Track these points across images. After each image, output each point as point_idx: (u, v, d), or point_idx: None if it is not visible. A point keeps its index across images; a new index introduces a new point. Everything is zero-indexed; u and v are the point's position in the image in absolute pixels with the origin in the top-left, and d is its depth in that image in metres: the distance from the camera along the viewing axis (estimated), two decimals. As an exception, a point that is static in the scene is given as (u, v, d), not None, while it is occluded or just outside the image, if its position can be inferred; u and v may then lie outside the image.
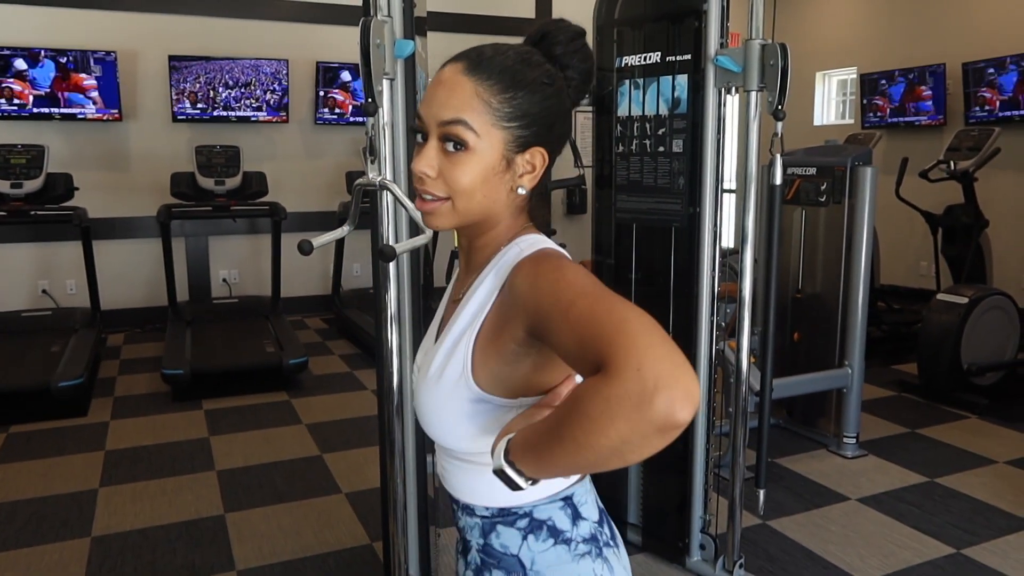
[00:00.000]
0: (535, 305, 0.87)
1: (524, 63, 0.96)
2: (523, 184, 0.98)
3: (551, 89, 0.97)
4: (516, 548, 0.99)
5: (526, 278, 0.90)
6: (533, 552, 0.98)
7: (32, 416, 4.22)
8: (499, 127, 0.95)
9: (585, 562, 0.99)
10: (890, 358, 5.36)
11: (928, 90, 6.80)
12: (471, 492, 1.03)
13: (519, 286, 0.91)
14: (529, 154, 0.97)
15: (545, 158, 0.98)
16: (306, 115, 6.68)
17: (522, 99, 0.95)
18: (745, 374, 2.51)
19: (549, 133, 0.98)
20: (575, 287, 0.84)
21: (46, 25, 5.82)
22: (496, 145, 0.95)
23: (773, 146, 2.31)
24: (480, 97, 0.94)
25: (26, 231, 5.90)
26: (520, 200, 1.00)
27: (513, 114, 0.95)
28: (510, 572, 1.00)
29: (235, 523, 3.10)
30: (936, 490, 3.39)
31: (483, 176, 0.95)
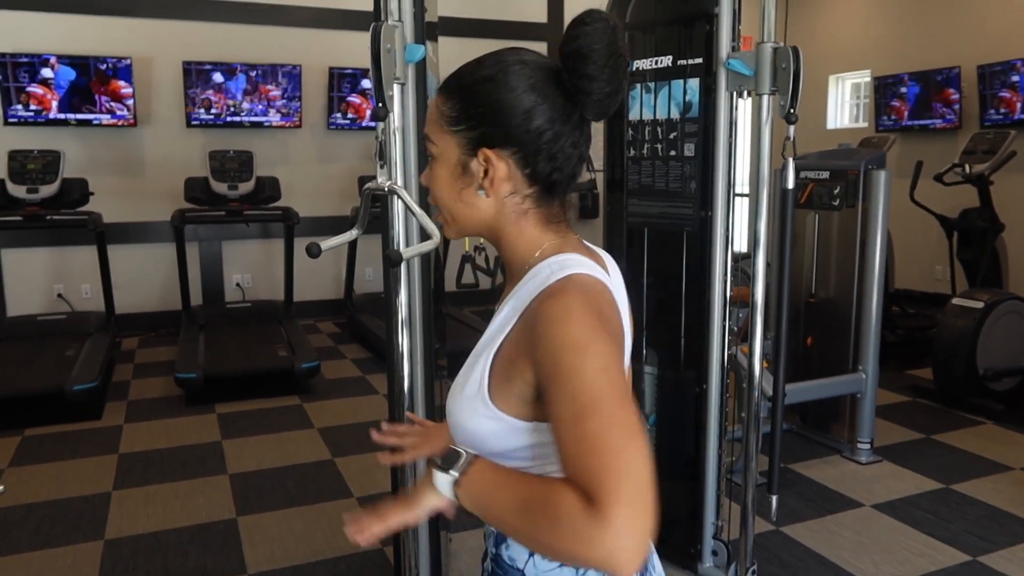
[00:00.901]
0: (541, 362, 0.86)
1: (473, 65, 0.97)
2: (484, 187, 0.96)
3: (492, 85, 0.94)
4: (522, 563, 0.98)
5: (543, 318, 0.88)
6: (538, 570, 0.97)
7: (47, 419, 4.25)
8: (449, 132, 0.96)
9: None
10: (905, 363, 5.31)
11: (943, 93, 6.75)
12: None
13: (539, 327, 0.88)
14: (481, 156, 0.95)
15: (501, 159, 0.95)
16: (319, 120, 6.71)
17: (462, 100, 0.96)
18: (758, 379, 2.49)
19: (502, 132, 0.94)
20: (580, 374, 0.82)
21: (63, 32, 5.88)
22: (450, 151, 0.97)
23: (785, 150, 2.29)
24: (437, 108, 0.97)
25: (42, 235, 5.96)
26: (512, 207, 0.98)
27: (457, 117, 0.96)
28: None
29: (247, 527, 3.11)
30: (951, 497, 3.36)
31: (448, 183, 0.98)
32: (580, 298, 0.89)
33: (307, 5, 6.52)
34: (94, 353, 4.86)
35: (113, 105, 5.95)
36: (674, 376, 2.74)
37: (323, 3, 6.56)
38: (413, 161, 2.09)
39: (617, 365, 0.86)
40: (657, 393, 2.80)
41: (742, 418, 2.85)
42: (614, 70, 0.93)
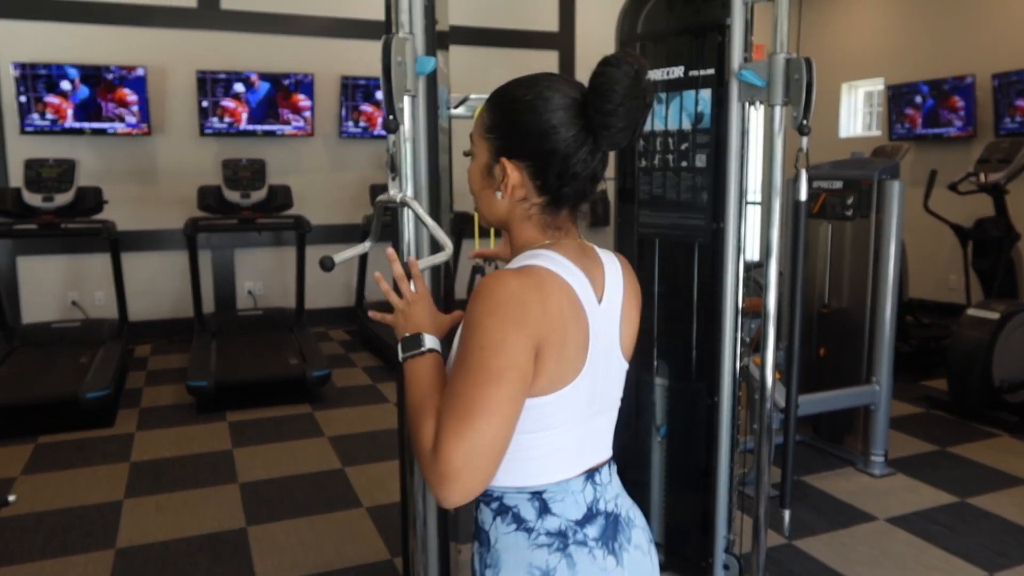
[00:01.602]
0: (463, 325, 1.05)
1: (513, 85, 1.13)
2: (501, 190, 1.12)
3: (521, 105, 1.09)
4: (488, 525, 1.13)
5: (474, 293, 1.04)
6: (498, 532, 1.11)
7: (60, 427, 4.27)
8: (484, 138, 1.13)
9: (540, 552, 1.08)
10: (919, 374, 5.27)
11: (957, 101, 6.70)
12: None
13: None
14: (502, 164, 1.11)
15: (516, 169, 1.10)
16: (331, 129, 6.74)
17: (497, 112, 1.12)
18: (770, 390, 2.47)
19: (520, 146, 1.09)
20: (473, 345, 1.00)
21: (79, 42, 5.94)
22: (482, 153, 1.14)
23: (798, 161, 2.28)
24: (481, 115, 1.15)
25: (57, 243, 6.01)
26: (521, 210, 1.13)
27: (490, 127, 1.12)
28: (482, 544, 1.14)
29: (257, 536, 3.11)
30: (967, 510, 3.32)
31: (478, 180, 1.15)
32: (503, 283, 1.02)
33: (319, 15, 6.56)
34: (107, 360, 4.88)
35: (121, 111, 5.99)
36: (685, 387, 2.73)
37: (335, 12, 6.59)
38: (424, 173, 2.08)
39: (497, 347, 0.98)
40: (668, 405, 2.78)
41: (754, 430, 2.83)
42: (630, 110, 1.05)
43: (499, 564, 1.09)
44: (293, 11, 6.49)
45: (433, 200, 2.16)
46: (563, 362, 1.04)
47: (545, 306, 1.02)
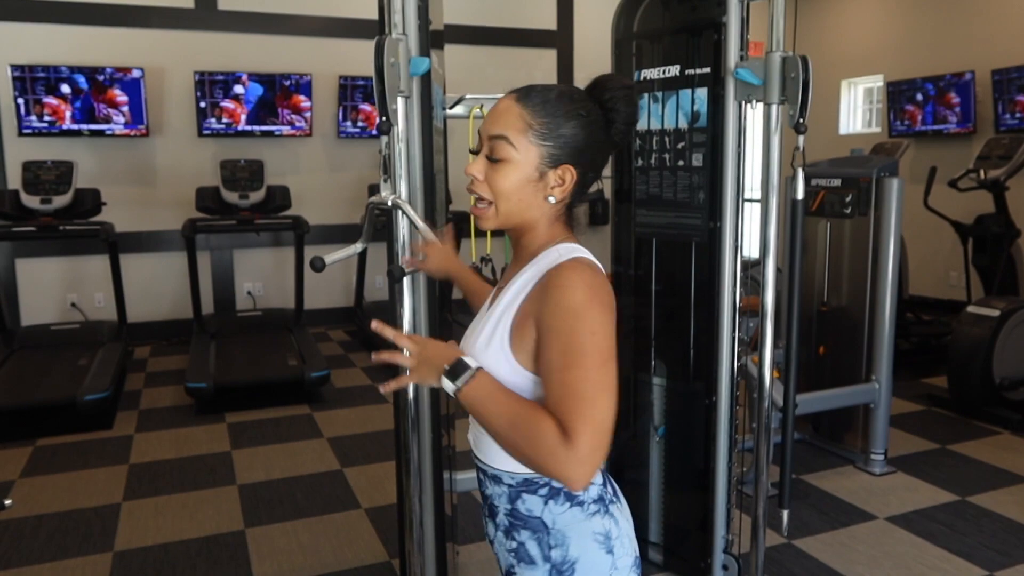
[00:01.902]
0: (547, 317, 1.10)
1: (564, 97, 1.19)
2: (553, 195, 1.20)
3: (584, 120, 1.18)
4: (539, 511, 1.19)
5: (554, 284, 1.11)
6: (554, 514, 1.18)
7: (59, 429, 4.27)
8: (535, 144, 1.17)
9: (596, 519, 1.19)
10: (919, 371, 5.26)
11: (957, 97, 6.69)
12: (504, 460, 1.19)
13: (547, 291, 1.11)
14: (560, 170, 1.19)
15: (574, 175, 1.19)
16: (329, 129, 6.73)
17: (556, 124, 1.17)
18: (768, 389, 2.46)
19: (579, 155, 1.19)
20: (575, 334, 1.07)
21: (76, 44, 5.93)
22: (532, 159, 1.17)
23: (795, 160, 2.27)
24: (523, 119, 1.17)
25: (55, 245, 6.00)
26: (554, 210, 1.21)
27: (548, 135, 1.17)
28: (536, 531, 1.20)
29: (255, 538, 3.10)
30: (968, 509, 3.31)
31: (519, 184, 1.18)
32: (584, 273, 1.12)
33: (317, 14, 6.55)
34: (106, 363, 4.88)
35: (126, 115, 5.99)
36: (683, 387, 2.72)
37: (333, 12, 6.58)
38: (419, 174, 2.08)
39: (605, 331, 1.08)
40: (666, 404, 2.77)
41: (753, 429, 2.82)
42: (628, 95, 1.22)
43: (566, 541, 1.18)
44: (291, 11, 6.48)
45: (428, 201, 2.15)
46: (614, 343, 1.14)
47: (611, 295, 1.14)
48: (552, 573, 1.18)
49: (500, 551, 1.27)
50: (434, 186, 2.19)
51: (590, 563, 1.18)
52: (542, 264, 1.17)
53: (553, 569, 1.18)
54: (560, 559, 1.18)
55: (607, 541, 1.19)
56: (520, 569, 1.21)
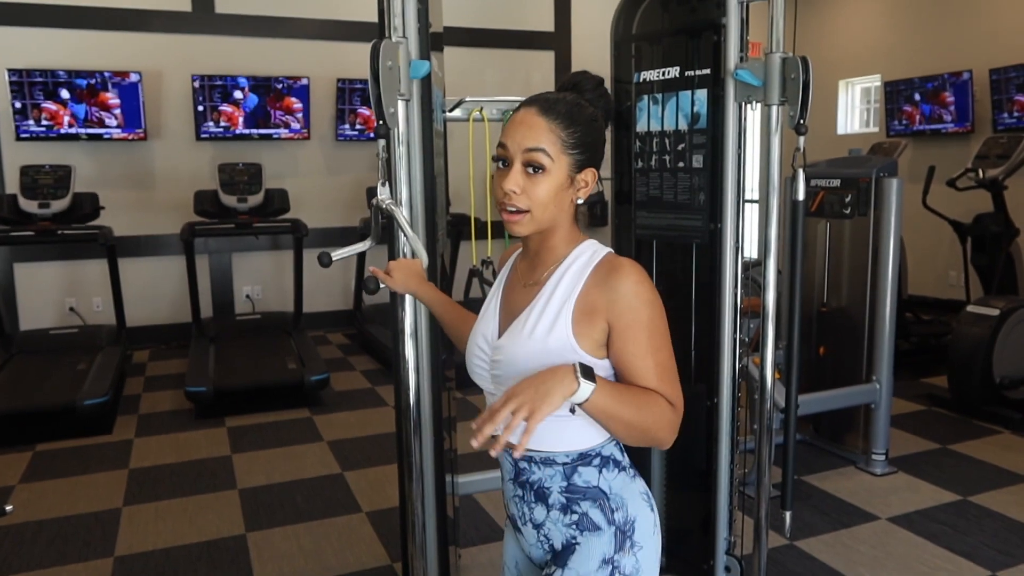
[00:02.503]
0: (622, 311, 1.24)
1: (579, 106, 1.30)
2: (580, 197, 1.32)
3: (597, 124, 1.32)
4: (596, 480, 1.31)
5: (626, 281, 1.24)
6: (608, 481, 1.31)
7: (58, 434, 4.26)
8: (566, 153, 1.27)
9: (637, 481, 1.36)
10: (919, 371, 5.26)
11: (954, 97, 6.69)
12: (557, 441, 1.29)
13: (618, 286, 1.24)
14: (585, 173, 1.31)
15: (596, 176, 1.32)
16: (327, 132, 6.73)
17: (581, 132, 1.28)
18: (770, 390, 2.45)
19: (596, 157, 1.32)
20: (654, 323, 1.25)
21: (74, 48, 5.93)
22: (564, 167, 1.27)
23: (795, 161, 2.27)
24: (553, 132, 1.26)
25: (54, 250, 6.00)
26: (573, 210, 1.33)
27: (575, 143, 1.27)
28: (596, 499, 1.31)
29: (256, 543, 3.09)
30: (969, 509, 3.31)
31: (556, 191, 1.27)
32: (642, 269, 1.27)
33: (315, 17, 6.55)
34: (105, 367, 4.87)
35: (123, 119, 5.98)
36: (685, 389, 2.71)
37: (331, 15, 6.58)
38: (419, 178, 2.07)
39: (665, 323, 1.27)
40: (668, 406, 2.76)
41: (754, 430, 2.81)
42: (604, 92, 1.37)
43: (624, 504, 1.31)
44: (288, 14, 6.48)
45: (429, 203, 2.15)
46: None
47: None
48: (617, 535, 1.30)
49: (554, 529, 1.34)
50: (435, 189, 2.19)
51: (644, 520, 1.33)
52: (583, 260, 1.30)
53: (617, 531, 1.30)
54: (623, 520, 1.31)
55: (649, 499, 1.36)
56: (585, 537, 1.31)
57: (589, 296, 1.26)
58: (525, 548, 1.42)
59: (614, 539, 1.30)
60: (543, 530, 1.35)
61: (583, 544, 1.31)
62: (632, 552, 1.30)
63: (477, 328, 1.42)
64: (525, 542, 1.40)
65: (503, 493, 1.43)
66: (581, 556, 1.30)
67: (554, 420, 1.26)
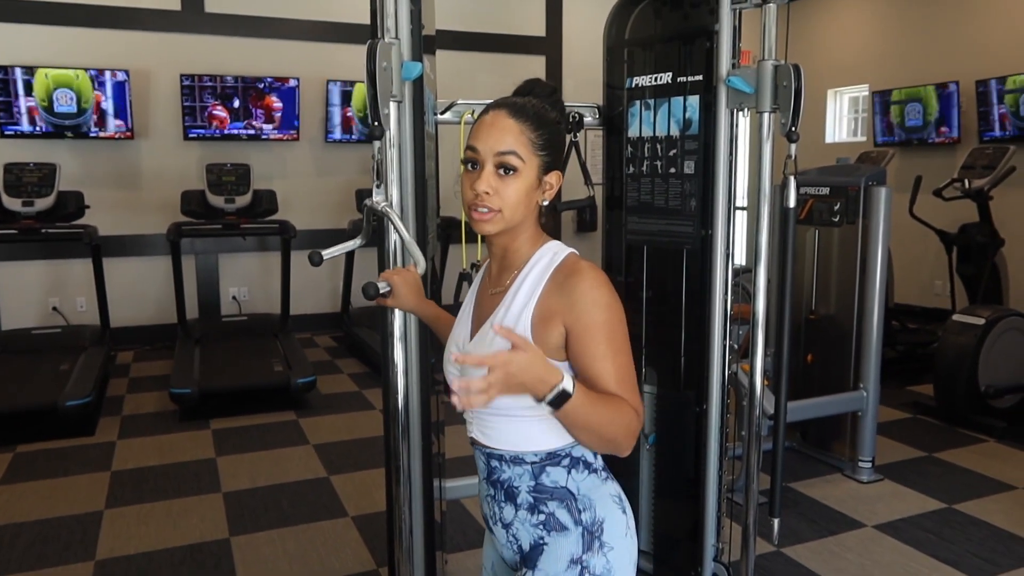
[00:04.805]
0: (579, 314, 1.23)
1: (544, 110, 1.32)
2: (546, 198, 1.33)
3: (560, 128, 1.35)
4: (564, 481, 1.31)
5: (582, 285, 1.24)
6: (577, 482, 1.31)
7: (39, 435, 4.20)
8: (535, 155, 1.29)
9: (608, 483, 1.35)
10: (905, 379, 5.28)
11: (941, 107, 6.74)
12: (525, 441, 1.30)
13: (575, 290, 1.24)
14: (551, 175, 1.33)
15: (560, 178, 1.34)
16: (316, 133, 6.70)
17: (548, 134, 1.31)
18: (758, 397, 2.46)
19: (560, 158, 1.35)
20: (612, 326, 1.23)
21: (61, 45, 5.87)
22: (533, 169, 1.29)
23: (786, 168, 2.27)
24: (524, 134, 1.28)
25: (37, 249, 5.93)
26: (537, 212, 1.34)
27: (543, 145, 1.30)
28: (563, 500, 1.31)
29: (240, 547, 3.06)
30: (954, 517, 3.32)
31: (526, 192, 1.29)
32: (600, 272, 1.27)
33: (305, 18, 6.52)
34: (88, 368, 4.82)
35: (109, 117, 5.93)
36: (674, 395, 2.71)
37: (321, 16, 6.56)
38: (410, 179, 2.06)
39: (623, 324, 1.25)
40: (657, 412, 2.76)
41: (742, 436, 2.81)
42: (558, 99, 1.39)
43: (592, 504, 1.31)
44: (278, 15, 6.45)
45: (420, 206, 2.13)
46: None
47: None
48: (584, 535, 1.30)
49: (522, 529, 1.34)
50: (426, 192, 2.17)
51: (613, 522, 1.32)
52: (543, 263, 1.30)
53: (584, 531, 1.30)
54: (590, 521, 1.30)
55: (621, 502, 1.35)
56: (552, 537, 1.31)
57: (548, 300, 1.26)
58: (498, 548, 1.42)
59: (581, 539, 1.29)
60: (511, 530, 1.35)
61: (550, 544, 1.31)
62: (602, 552, 1.29)
63: (452, 334, 1.43)
64: (497, 542, 1.41)
65: (479, 492, 1.43)
66: (549, 557, 1.30)
67: (523, 420, 1.28)
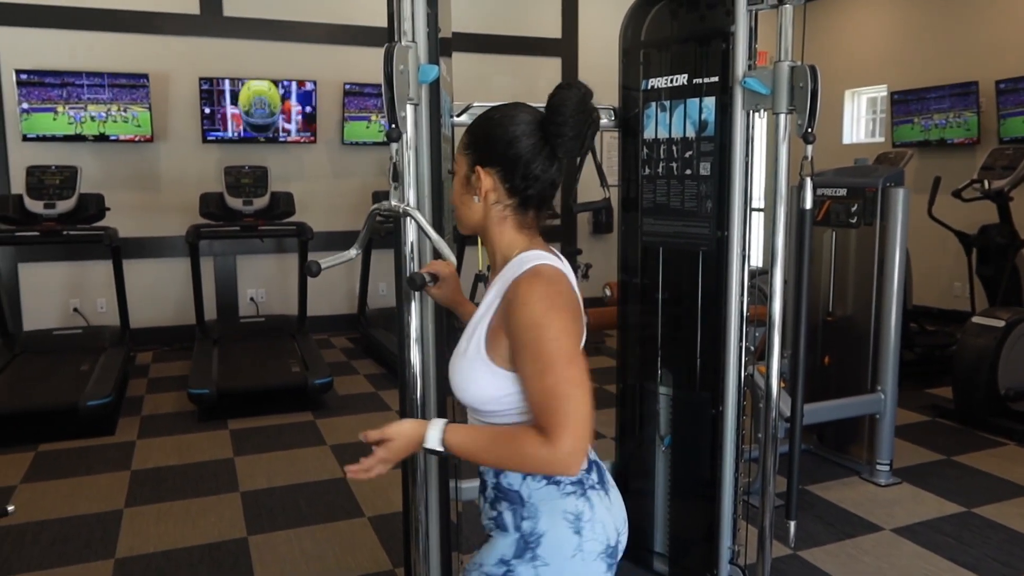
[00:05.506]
0: (515, 332, 1.22)
1: (490, 109, 1.34)
2: (478, 195, 1.32)
3: (492, 121, 1.31)
4: (518, 485, 1.30)
5: (515, 301, 1.23)
6: (530, 488, 1.29)
7: (61, 435, 4.25)
8: (464, 154, 1.34)
9: (570, 499, 1.28)
10: (924, 381, 5.24)
11: (960, 108, 6.68)
12: None
13: (510, 307, 1.23)
14: (476, 173, 1.31)
15: (488, 175, 1.30)
16: (333, 135, 6.74)
17: (472, 131, 1.33)
18: (775, 399, 2.45)
19: (491, 155, 1.30)
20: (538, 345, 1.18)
21: (81, 49, 5.95)
22: (462, 167, 1.33)
23: (803, 169, 2.26)
24: (462, 138, 1.34)
25: (59, 250, 6.01)
26: (498, 215, 1.32)
27: (469, 143, 1.33)
28: (513, 503, 1.30)
29: (257, 546, 3.09)
30: (973, 520, 3.29)
31: (460, 192, 1.34)
32: (538, 284, 1.23)
33: (322, 22, 6.56)
34: (108, 368, 4.87)
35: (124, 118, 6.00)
36: (690, 397, 2.71)
37: (338, 19, 6.60)
38: (427, 182, 2.07)
39: (566, 333, 1.20)
40: (672, 414, 2.76)
41: (759, 439, 2.80)
42: (578, 123, 1.28)
43: (537, 514, 1.28)
44: (296, 18, 6.50)
45: (436, 208, 2.15)
46: (579, 341, 1.26)
47: (571, 296, 1.26)
48: (519, 542, 1.29)
49: (484, 519, 1.39)
50: (442, 194, 2.19)
51: (556, 539, 1.27)
52: (507, 276, 1.29)
53: (521, 539, 1.29)
54: (529, 530, 1.28)
55: (576, 522, 1.28)
56: (495, 535, 1.34)
57: (499, 314, 1.27)
58: None
59: (515, 545, 1.29)
60: (481, 518, 1.41)
61: (493, 538, 1.34)
62: (532, 565, 1.27)
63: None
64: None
65: None
66: (488, 548, 1.34)
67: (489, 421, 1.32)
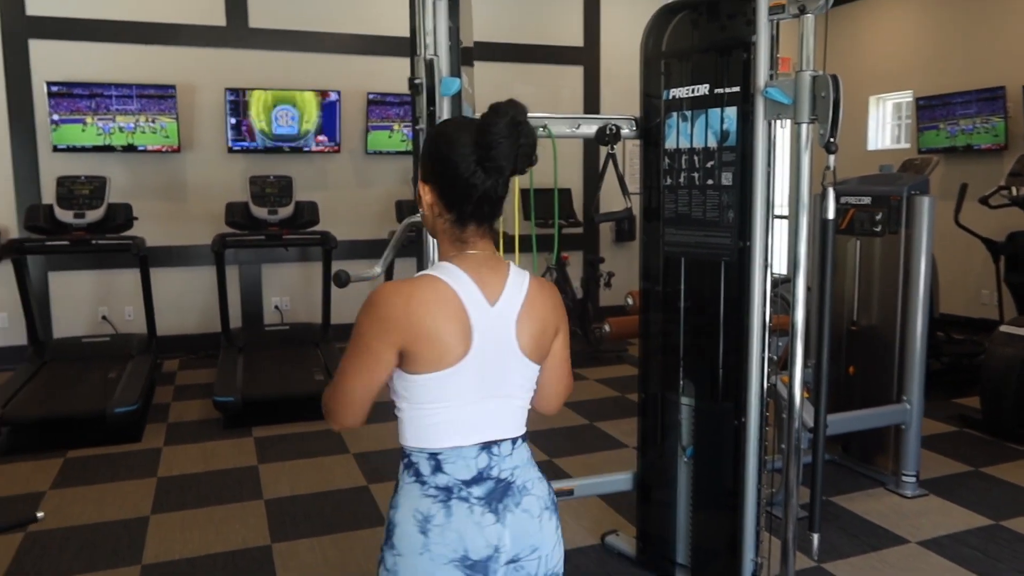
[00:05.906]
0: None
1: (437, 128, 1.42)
2: (421, 209, 1.42)
3: (432, 141, 1.38)
4: (400, 474, 1.41)
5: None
6: (403, 481, 1.39)
7: (88, 441, 4.32)
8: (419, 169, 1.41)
9: (426, 501, 1.35)
10: (951, 391, 5.17)
11: (988, 113, 6.61)
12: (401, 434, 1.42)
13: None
14: (420, 186, 1.39)
15: (425, 191, 1.38)
16: (357, 145, 6.80)
17: (424, 149, 1.40)
18: (798, 409, 2.43)
19: (431, 171, 1.37)
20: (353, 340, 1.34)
21: (110, 61, 6.06)
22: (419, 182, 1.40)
23: (825, 179, 2.25)
24: None
25: (88, 259, 6.10)
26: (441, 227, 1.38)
27: (420, 161, 1.40)
28: (396, 488, 1.41)
29: (281, 554, 3.11)
30: (1001, 534, 3.24)
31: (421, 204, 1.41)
32: (376, 292, 1.32)
33: (345, 32, 6.63)
34: (135, 376, 4.94)
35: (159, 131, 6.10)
36: (712, 407, 2.70)
37: (361, 30, 6.66)
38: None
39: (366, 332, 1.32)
40: (695, 425, 2.75)
41: (782, 449, 2.78)
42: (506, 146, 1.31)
43: (397, 505, 1.38)
44: (320, 29, 6.57)
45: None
46: (439, 349, 1.30)
47: (408, 308, 1.30)
48: (387, 528, 1.39)
49: None
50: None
51: (404, 534, 1.35)
52: None
53: (388, 524, 1.39)
54: (391, 518, 1.39)
55: (424, 523, 1.34)
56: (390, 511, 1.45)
57: None
58: None
59: (385, 530, 1.39)
60: None
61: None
62: (390, 551, 1.36)
63: None
64: None
65: None
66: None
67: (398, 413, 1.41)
